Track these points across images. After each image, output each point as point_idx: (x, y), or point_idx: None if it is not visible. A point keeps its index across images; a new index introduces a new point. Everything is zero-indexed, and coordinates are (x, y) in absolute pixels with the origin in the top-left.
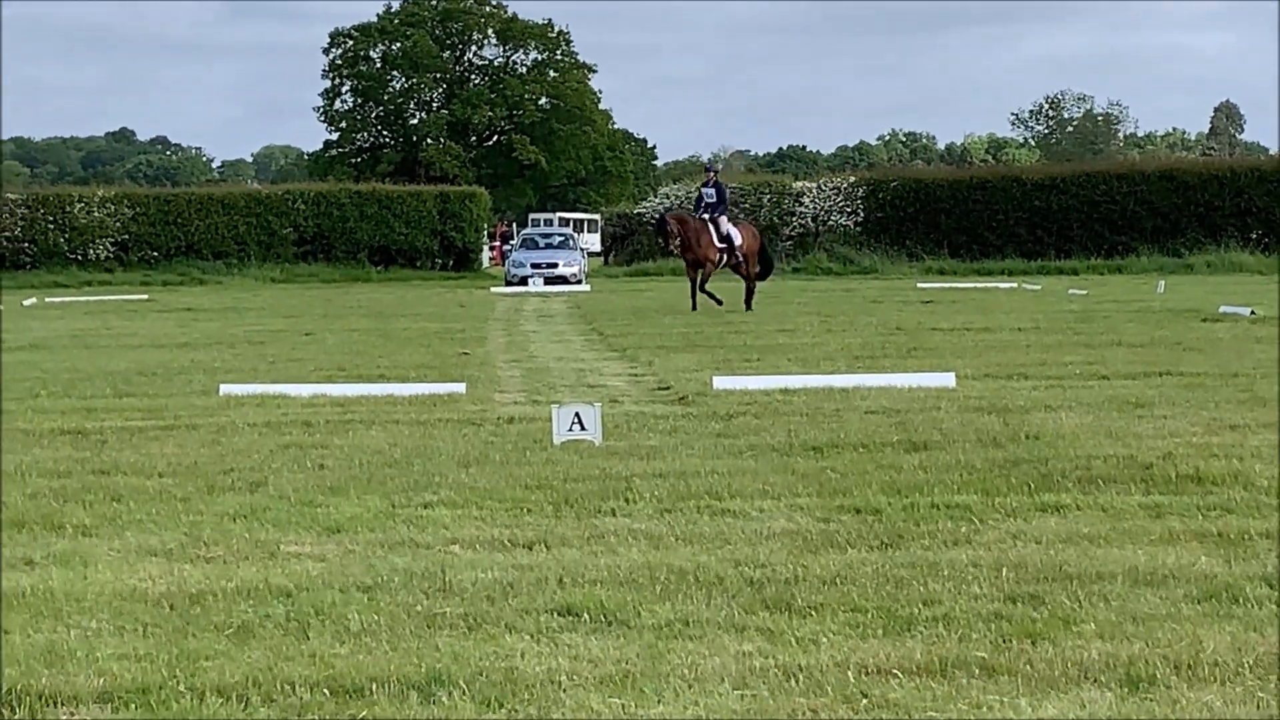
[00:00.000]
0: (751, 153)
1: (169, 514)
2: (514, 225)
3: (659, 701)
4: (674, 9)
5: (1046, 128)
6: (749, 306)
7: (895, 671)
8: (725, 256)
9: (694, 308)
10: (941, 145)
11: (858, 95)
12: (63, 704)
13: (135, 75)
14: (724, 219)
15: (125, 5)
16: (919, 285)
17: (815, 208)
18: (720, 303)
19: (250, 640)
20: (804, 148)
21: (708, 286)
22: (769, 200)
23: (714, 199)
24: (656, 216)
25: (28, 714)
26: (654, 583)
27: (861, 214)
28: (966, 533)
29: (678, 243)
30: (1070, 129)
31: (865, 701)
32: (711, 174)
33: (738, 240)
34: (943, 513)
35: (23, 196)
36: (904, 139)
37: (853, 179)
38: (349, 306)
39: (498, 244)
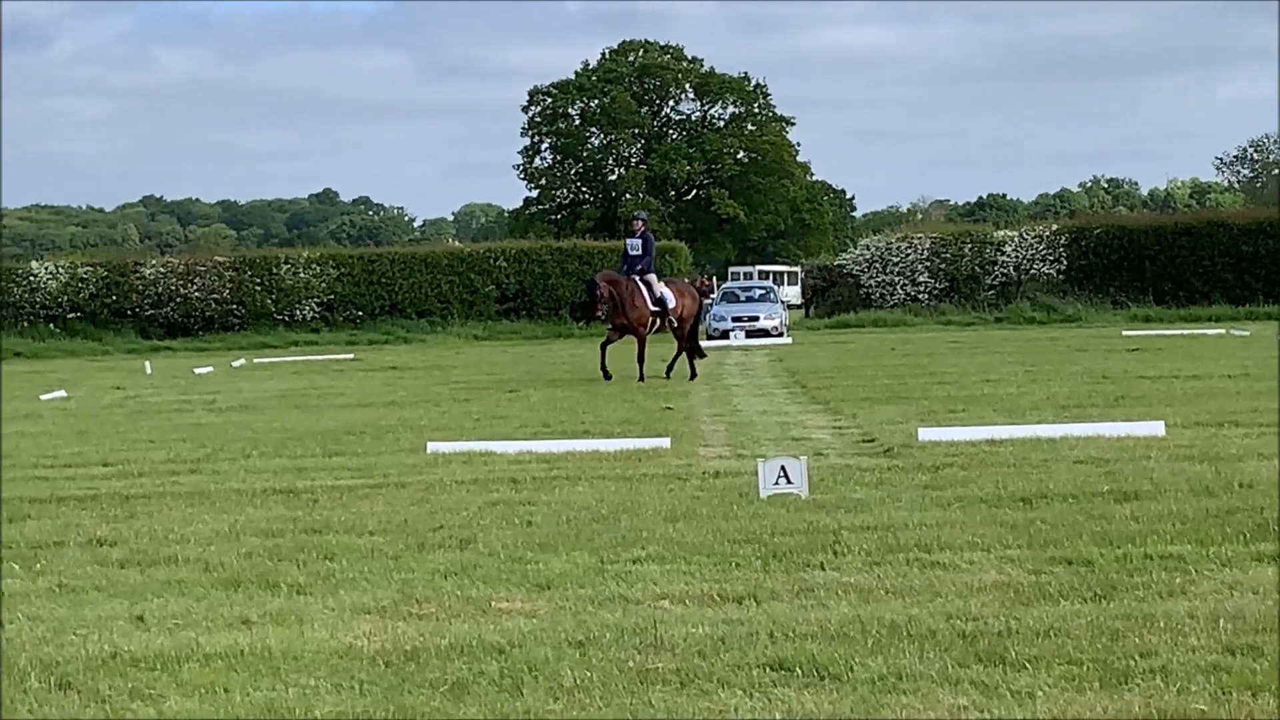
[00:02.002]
0: (951, 202)
1: (381, 572)
2: (714, 279)
3: None
4: (874, 59)
5: (1252, 171)
6: (693, 373)
7: None
8: (658, 321)
9: (607, 376)
10: (1144, 191)
11: (1058, 142)
12: None
13: (337, 137)
14: (654, 278)
15: (326, 69)
16: (1124, 333)
17: (1017, 257)
18: (643, 379)
19: (465, 697)
20: (1004, 196)
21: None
22: (970, 250)
23: (639, 251)
24: (586, 280)
25: None
26: (865, 636)
27: (1064, 262)
28: (1181, 583)
29: (608, 308)
30: (1277, 171)
31: None
32: (639, 223)
33: (671, 303)
34: (1156, 563)
35: (230, 259)
36: (1106, 185)
37: (1055, 227)
38: (551, 362)
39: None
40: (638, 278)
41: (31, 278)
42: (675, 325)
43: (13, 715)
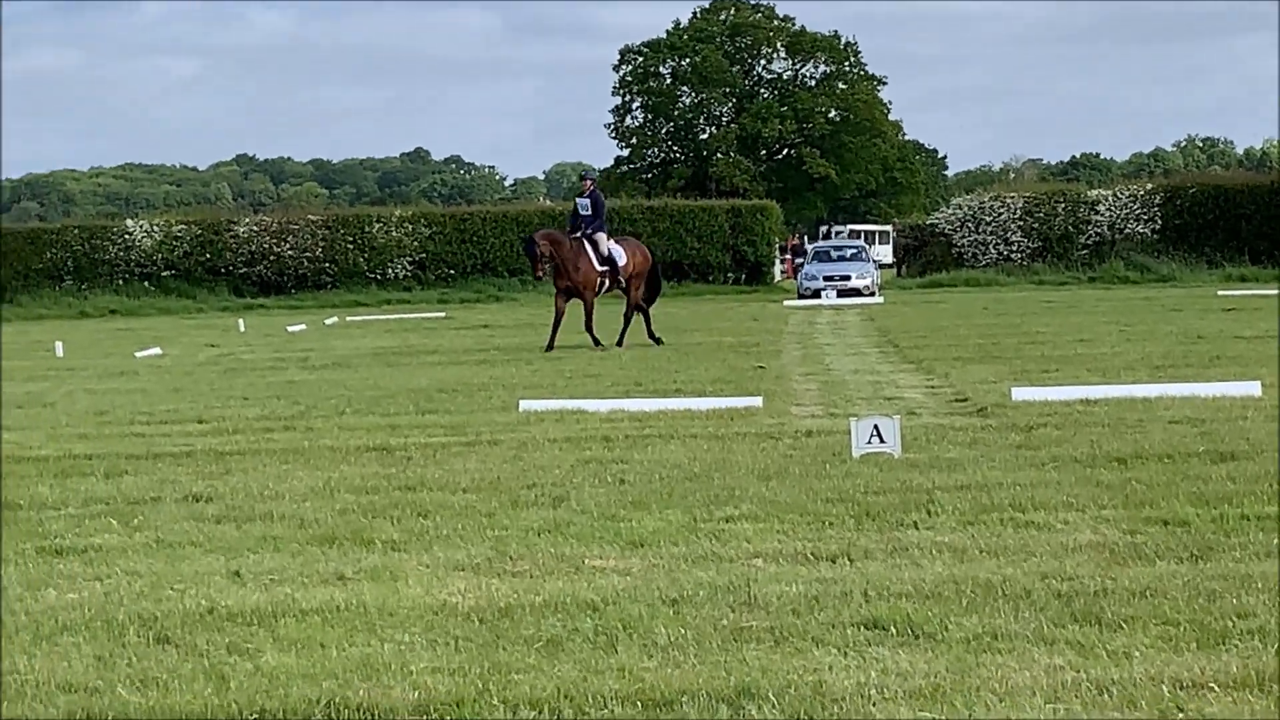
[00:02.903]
0: (1044, 161)
1: (475, 529)
2: (805, 238)
3: (970, 715)
4: (964, 18)
5: None
6: (652, 337)
7: (1211, 685)
8: (607, 282)
9: (550, 347)
10: (1240, 150)
11: (1152, 101)
12: (380, 717)
13: (429, 96)
14: (602, 235)
15: (417, 27)
16: (1219, 293)
17: (1111, 216)
18: (600, 344)
19: (559, 654)
20: (1098, 155)
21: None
22: (1063, 209)
23: (588, 211)
24: (524, 238)
25: None
26: (960, 595)
27: (1159, 221)
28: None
29: (549, 268)
30: None
31: (1181, 716)
32: (588, 182)
33: (621, 260)
34: (1253, 524)
35: (322, 218)
36: (1201, 145)
37: (1149, 186)
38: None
39: (789, 257)
40: (583, 237)
41: (126, 235)
42: (624, 284)
43: (112, 668)
